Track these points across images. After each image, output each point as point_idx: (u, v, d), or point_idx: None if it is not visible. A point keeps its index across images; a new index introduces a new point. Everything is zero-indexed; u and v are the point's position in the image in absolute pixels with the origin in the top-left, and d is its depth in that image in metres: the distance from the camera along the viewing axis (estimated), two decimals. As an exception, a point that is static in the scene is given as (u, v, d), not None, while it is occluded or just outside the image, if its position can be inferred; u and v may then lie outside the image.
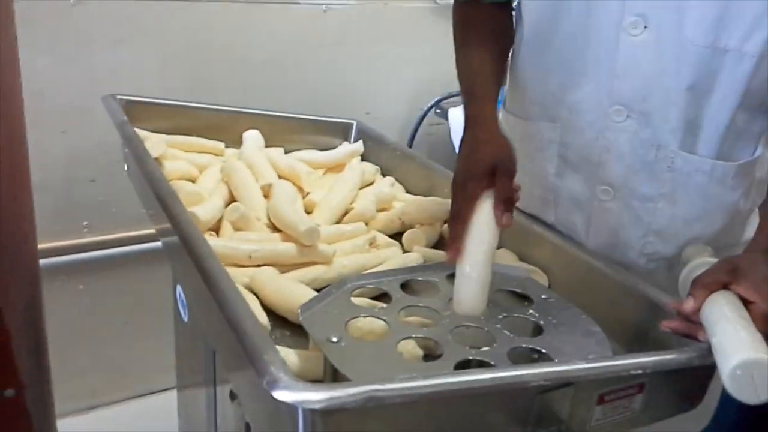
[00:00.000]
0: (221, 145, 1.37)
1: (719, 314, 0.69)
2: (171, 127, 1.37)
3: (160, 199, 0.91)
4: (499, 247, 1.04)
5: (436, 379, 0.54)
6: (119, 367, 1.95)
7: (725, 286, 0.72)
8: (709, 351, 0.67)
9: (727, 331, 0.66)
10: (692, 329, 0.72)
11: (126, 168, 1.29)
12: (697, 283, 0.74)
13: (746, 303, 0.70)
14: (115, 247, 1.84)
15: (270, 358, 0.54)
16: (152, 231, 1.85)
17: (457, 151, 1.91)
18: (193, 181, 1.21)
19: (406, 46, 2.12)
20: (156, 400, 1.98)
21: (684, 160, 0.89)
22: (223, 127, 1.42)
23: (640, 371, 0.64)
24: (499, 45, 1.02)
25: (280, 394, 0.50)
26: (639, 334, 0.85)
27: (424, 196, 1.25)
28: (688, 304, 0.72)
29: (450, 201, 1.12)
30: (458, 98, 2.07)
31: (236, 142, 1.38)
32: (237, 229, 1.04)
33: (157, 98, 1.43)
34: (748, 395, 0.61)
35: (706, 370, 0.74)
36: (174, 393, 1.92)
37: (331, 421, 0.52)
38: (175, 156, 1.24)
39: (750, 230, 0.97)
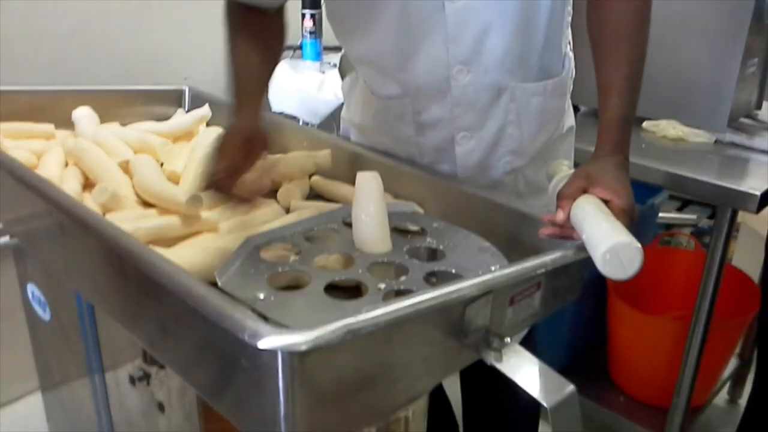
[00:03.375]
0: (51, 127, 1.26)
1: (584, 214, 0.81)
2: (-17, 115, 1.24)
3: (31, 185, 0.85)
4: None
5: (396, 305, 0.59)
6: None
7: (585, 191, 0.84)
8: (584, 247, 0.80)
9: (593, 226, 0.78)
10: (566, 232, 0.84)
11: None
12: (561, 195, 0.86)
13: (605, 202, 0.83)
14: None
15: (241, 313, 0.55)
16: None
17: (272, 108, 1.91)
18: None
19: (216, 5, 2.05)
20: (9, 411, 1.82)
21: (522, 90, 1.02)
22: (44, 110, 1.31)
23: (543, 270, 0.74)
24: (267, 50, 1.01)
25: (264, 342, 0.52)
26: (512, 243, 0.95)
27: (281, 152, 1.26)
28: (559, 216, 0.84)
29: (315, 153, 1.16)
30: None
31: (64, 124, 1.28)
32: (107, 210, 0.98)
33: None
34: (619, 273, 0.74)
35: (583, 265, 0.87)
36: (28, 402, 1.78)
37: (309, 359, 0.55)
38: (9, 147, 1.13)
39: (568, 121, 1.15)
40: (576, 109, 1.68)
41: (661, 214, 2.41)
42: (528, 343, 1.35)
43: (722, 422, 1.74)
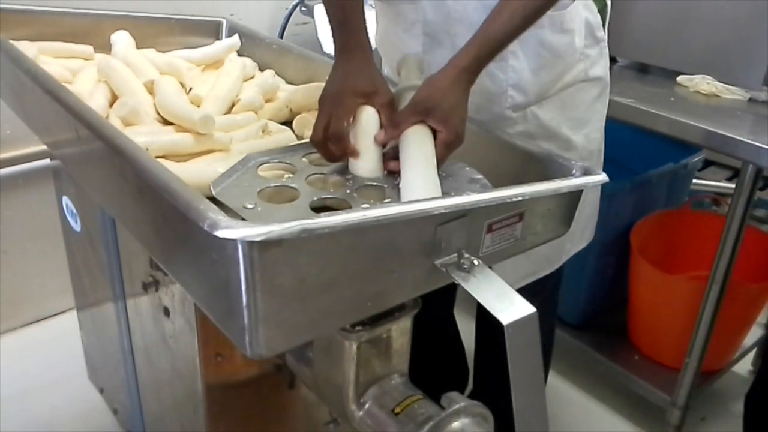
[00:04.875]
0: (90, 48, 1.32)
1: (404, 155, 0.85)
2: (29, 35, 1.30)
3: (52, 92, 0.90)
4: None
5: (355, 213, 0.62)
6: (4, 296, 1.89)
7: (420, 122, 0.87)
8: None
9: (407, 174, 0.83)
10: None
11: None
12: (394, 123, 0.89)
13: (435, 132, 0.87)
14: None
15: (206, 206, 0.59)
16: (18, 154, 1.80)
17: (324, 49, 1.92)
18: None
19: (265, -57, 2.09)
20: (49, 324, 1.95)
21: None
22: (87, 33, 1.37)
23: (520, 198, 0.75)
24: None
25: (223, 232, 0.56)
26: (515, 181, 0.96)
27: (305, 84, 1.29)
28: (380, 136, 0.88)
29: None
30: (323, -5, 2.10)
31: (104, 47, 1.34)
32: (127, 124, 1.04)
33: (9, 4, 1.35)
34: None
35: (573, 198, 0.88)
36: (67, 316, 1.91)
37: (268, 254, 0.58)
38: (46, 62, 1.20)
39: (595, 70, 1.12)
40: (614, 60, 1.65)
41: (706, 182, 2.34)
42: (549, 298, 1.38)
43: (741, 391, 1.71)
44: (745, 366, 1.84)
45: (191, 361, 0.99)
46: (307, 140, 1.00)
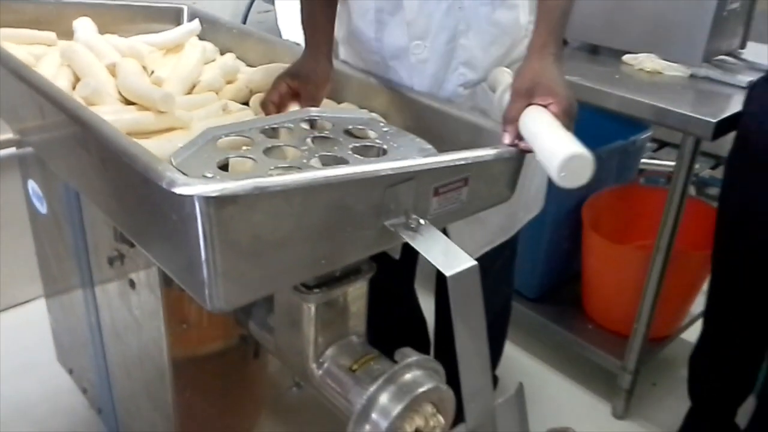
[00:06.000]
0: (53, 35, 1.35)
1: (529, 132, 0.86)
2: (-11, 22, 1.32)
3: (16, 72, 0.93)
4: (340, 102, 1.18)
5: (306, 173, 0.67)
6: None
7: (527, 105, 0.88)
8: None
9: (542, 142, 0.82)
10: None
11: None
12: (506, 119, 0.90)
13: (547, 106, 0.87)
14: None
15: (164, 167, 0.63)
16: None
17: (283, 36, 2.00)
18: (31, 70, 1.20)
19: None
20: (18, 312, 1.97)
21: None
22: (49, 20, 1.39)
23: (463, 162, 0.80)
24: None
25: (180, 189, 0.60)
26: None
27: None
28: (506, 139, 0.89)
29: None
30: (283, -17, 2.13)
31: (66, 35, 1.36)
32: (90, 104, 1.07)
33: (-30, -8, 1.36)
34: (574, 183, 0.77)
35: (516, 164, 0.94)
36: (36, 304, 1.92)
37: (224, 211, 0.63)
38: (9, 48, 1.22)
39: None
40: (565, 42, 1.72)
41: (659, 161, 2.44)
42: (504, 268, 1.44)
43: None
44: (694, 333, 1.92)
45: (157, 331, 1.03)
46: (264, 115, 1.05)
